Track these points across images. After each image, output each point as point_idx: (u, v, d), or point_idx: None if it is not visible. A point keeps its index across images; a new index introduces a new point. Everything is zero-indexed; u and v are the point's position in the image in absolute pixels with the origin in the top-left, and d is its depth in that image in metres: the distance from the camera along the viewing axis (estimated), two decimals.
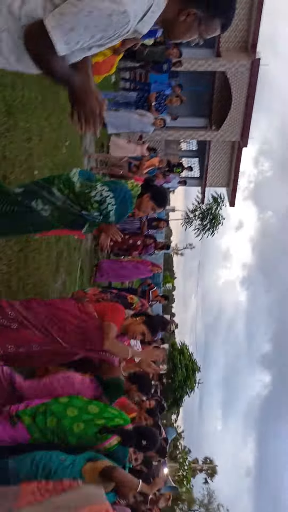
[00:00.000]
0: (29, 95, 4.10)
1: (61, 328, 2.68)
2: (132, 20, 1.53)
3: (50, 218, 2.55)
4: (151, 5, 1.58)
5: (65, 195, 2.57)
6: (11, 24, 1.53)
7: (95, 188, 2.61)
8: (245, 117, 15.37)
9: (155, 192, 3.13)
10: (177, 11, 1.62)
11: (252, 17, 14.08)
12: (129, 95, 9.04)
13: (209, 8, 1.60)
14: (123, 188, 2.76)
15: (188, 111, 16.36)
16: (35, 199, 2.50)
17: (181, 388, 28.55)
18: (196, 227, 33.84)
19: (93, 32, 1.50)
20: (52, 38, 1.47)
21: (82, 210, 2.61)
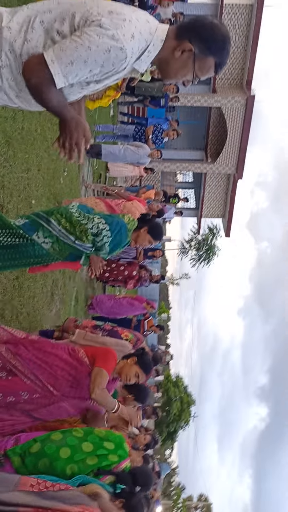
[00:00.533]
0: (29, 127, 4.19)
1: (52, 374, 2.58)
2: (129, 57, 1.59)
3: (51, 251, 2.59)
4: (148, 45, 1.65)
5: (61, 225, 2.61)
6: (12, 61, 1.59)
7: (92, 220, 2.66)
8: (240, 151, 15.71)
9: (152, 226, 3.27)
10: (173, 48, 1.69)
11: (247, 55, 14.61)
12: (127, 128, 9.24)
13: (204, 46, 1.66)
14: (119, 222, 2.82)
15: (184, 144, 16.75)
16: (36, 231, 2.54)
17: (175, 422, 27.95)
18: (192, 257, 34.03)
19: (92, 66, 1.55)
20: (51, 71, 1.52)
21: (76, 240, 2.65)
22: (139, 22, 1.60)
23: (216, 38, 1.66)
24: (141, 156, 7.83)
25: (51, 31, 1.58)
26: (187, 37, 1.66)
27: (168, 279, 48.00)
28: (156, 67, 1.79)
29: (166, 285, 50.97)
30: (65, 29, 1.57)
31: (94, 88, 1.76)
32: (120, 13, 1.57)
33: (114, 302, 7.04)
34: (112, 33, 1.52)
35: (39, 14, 1.60)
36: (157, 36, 1.66)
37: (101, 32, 1.51)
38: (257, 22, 13.81)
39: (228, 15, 14.05)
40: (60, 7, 1.62)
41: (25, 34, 1.58)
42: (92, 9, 1.58)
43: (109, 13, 1.56)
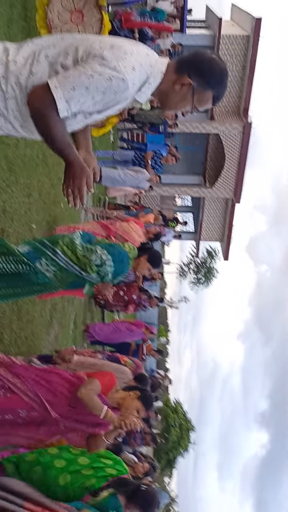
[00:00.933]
0: (31, 153, 4.28)
1: (50, 390, 2.58)
2: (131, 88, 1.65)
3: (54, 279, 2.63)
4: (149, 77, 1.72)
5: (67, 257, 2.67)
6: (18, 93, 1.66)
7: (95, 252, 2.73)
8: (238, 176, 15.94)
9: (151, 255, 3.38)
10: (173, 82, 1.76)
11: (244, 84, 14.99)
12: (127, 154, 9.41)
13: (203, 80, 1.73)
14: (121, 251, 2.90)
15: (183, 169, 16.99)
16: (39, 259, 2.58)
17: (175, 449, 27.36)
18: (191, 280, 34.01)
19: (93, 94, 1.60)
20: (54, 96, 1.57)
21: (82, 272, 2.71)
22: (140, 55, 1.68)
23: (215, 72, 1.74)
24: (140, 181, 7.95)
25: (56, 64, 1.65)
26: (187, 72, 1.73)
27: (167, 302, 47.87)
28: (156, 98, 1.86)
29: (165, 308, 50.73)
30: (68, 62, 1.64)
31: (97, 118, 1.82)
32: (121, 47, 1.64)
33: (112, 328, 7.00)
34: (114, 64, 1.58)
35: (44, 48, 1.68)
36: (157, 69, 1.73)
37: (103, 63, 1.58)
38: (253, 53, 14.22)
39: (225, 45, 14.48)
40: (64, 42, 1.69)
41: (30, 67, 1.64)
42: (94, 43, 1.65)
43: (111, 47, 1.63)
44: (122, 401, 2.80)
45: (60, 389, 2.60)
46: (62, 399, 2.60)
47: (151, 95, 1.81)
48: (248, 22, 14.44)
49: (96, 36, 1.73)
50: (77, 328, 6.61)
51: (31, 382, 2.55)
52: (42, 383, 2.57)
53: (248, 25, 14.41)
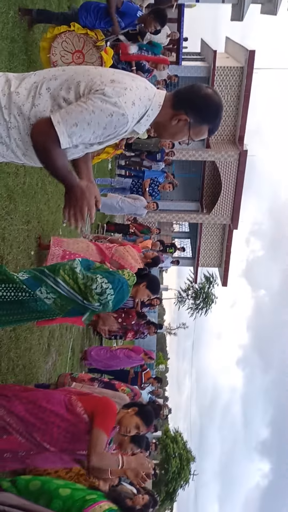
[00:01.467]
0: (30, 181, 4.33)
1: (47, 432, 2.50)
2: (130, 122, 1.71)
3: (53, 306, 2.63)
4: (147, 110, 1.78)
5: (69, 285, 2.68)
6: (20, 123, 1.70)
7: (96, 281, 2.73)
8: (234, 202, 16.12)
9: (150, 281, 3.41)
10: (170, 116, 1.82)
11: (238, 113, 15.35)
12: (125, 181, 9.54)
13: (199, 116, 1.80)
14: (120, 279, 2.90)
15: (180, 196, 17.20)
16: (39, 287, 2.59)
17: (174, 480, 26.60)
18: (189, 306, 33.88)
19: (95, 128, 1.66)
20: (57, 131, 1.63)
21: (84, 300, 2.72)
22: (139, 89, 1.74)
23: (210, 109, 1.80)
24: (138, 208, 8.03)
25: (58, 98, 1.70)
26: (183, 109, 1.79)
27: (166, 328, 47.49)
28: (154, 129, 1.92)
29: (164, 335, 50.31)
30: (71, 96, 1.70)
31: (97, 149, 1.88)
32: (122, 82, 1.70)
33: (110, 355, 6.92)
34: (115, 100, 1.64)
35: (46, 81, 1.74)
36: (155, 102, 1.79)
37: (105, 99, 1.64)
38: (247, 83, 14.62)
39: (220, 76, 14.89)
40: (65, 74, 1.75)
41: (33, 99, 1.70)
42: (95, 78, 1.71)
43: (111, 82, 1.69)
44: (121, 419, 2.74)
45: (57, 430, 2.52)
46: (60, 438, 2.53)
47: (149, 125, 1.87)
48: (242, 54, 14.91)
49: (97, 70, 1.79)
50: (75, 355, 6.54)
51: (26, 423, 2.47)
52: (37, 425, 2.49)
53: (242, 57, 14.88)
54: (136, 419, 2.75)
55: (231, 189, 15.91)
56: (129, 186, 9.22)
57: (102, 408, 2.59)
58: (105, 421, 2.53)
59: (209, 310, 32.49)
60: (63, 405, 2.59)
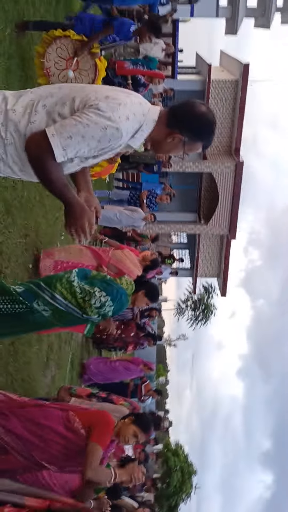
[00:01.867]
0: (28, 195, 4.36)
1: (46, 450, 2.48)
2: (125, 136, 1.74)
3: (51, 318, 2.63)
4: (142, 125, 1.81)
5: (67, 300, 2.68)
6: (17, 140, 1.73)
7: (94, 295, 2.73)
8: (232, 213, 16.19)
9: (149, 289, 3.39)
10: (165, 135, 1.86)
11: (234, 126, 15.49)
12: (122, 193, 9.59)
13: (194, 135, 1.85)
14: (119, 290, 2.90)
15: (178, 207, 17.25)
16: (36, 299, 2.59)
17: (176, 494, 26.19)
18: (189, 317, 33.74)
19: (89, 141, 1.68)
20: (51, 143, 1.65)
21: (83, 314, 2.73)
22: (133, 105, 1.77)
23: (204, 127, 1.85)
24: (136, 220, 8.06)
25: (53, 113, 1.73)
26: (178, 128, 1.83)
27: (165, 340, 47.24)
28: (150, 145, 1.95)
29: (164, 347, 50.03)
30: (65, 111, 1.73)
31: (92, 163, 1.90)
32: (116, 98, 1.74)
33: (109, 368, 6.88)
34: (109, 115, 1.67)
35: (42, 98, 1.77)
36: (149, 117, 1.83)
37: (99, 113, 1.67)
38: (242, 96, 14.78)
39: (216, 89, 15.06)
40: (61, 92, 1.79)
41: (29, 116, 1.73)
42: (90, 94, 1.75)
43: (105, 98, 1.73)
44: (118, 430, 2.72)
45: (55, 446, 2.50)
46: (58, 456, 2.51)
47: (144, 140, 1.91)
48: (237, 68, 15.10)
49: (92, 87, 1.83)
50: (74, 368, 6.51)
51: (24, 441, 2.45)
52: (36, 443, 2.46)
53: (237, 70, 15.07)
54: (133, 427, 2.73)
55: (228, 199, 15.99)
56: (127, 198, 9.27)
57: (99, 422, 2.57)
58: (101, 436, 2.51)
59: (209, 321, 32.36)
60: (61, 422, 2.55)
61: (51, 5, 5.57)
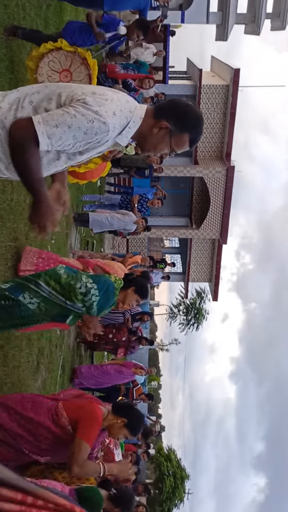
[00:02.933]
0: (18, 198, 4.34)
1: (35, 445, 2.53)
2: (111, 131, 1.73)
3: (38, 311, 2.61)
4: (129, 122, 1.82)
5: (51, 287, 2.66)
6: (3, 136, 1.71)
7: (80, 280, 2.72)
8: (223, 217, 16.27)
9: (139, 285, 3.30)
10: (151, 125, 1.86)
11: (225, 130, 15.60)
12: (114, 198, 9.59)
13: (179, 123, 1.84)
14: (106, 280, 2.87)
15: (170, 211, 17.31)
16: (22, 293, 2.58)
17: (169, 500, 26.07)
18: (181, 322, 33.76)
19: (75, 132, 1.66)
20: (36, 130, 1.62)
21: (67, 301, 2.69)
22: (120, 101, 1.78)
23: (190, 116, 1.86)
24: (127, 223, 8.06)
25: (39, 109, 1.73)
26: (164, 116, 1.84)
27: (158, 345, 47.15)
28: (137, 142, 1.95)
29: (156, 352, 49.93)
30: (52, 106, 1.73)
31: (79, 160, 1.88)
32: (103, 94, 1.75)
33: (101, 371, 6.84)
34: (96, 109, 1.67)
35: (28, 95, 1.77)
36: (136, 114, 1.84)
37: (86, 107, 1.67)
38: (233, 101, 14.91)
39: (206, 94, 15.18)
40: (47, 89, 1.79)
41: (15, 112, 1.72)
42: (77, 89, 1.76)
43: (92, 93, 1.73)
44: (110, 427, 2.77)
45: (45, 441, 2.55)
46: (47, 448, 2.56)
47: (131, 138, 1.91)
48: (227, 73, 15.23)
49: (78, 85, 1.84)
50: (65, 373, 6.47)
51: (14, 435, 2.49)
52: (26, 437, 2.50)
53: (227, 76, 15.19)
54: (124, 431, 2.78)
55: (220, 204, 16.07)
56: (118, 203, 9.27)
57: (86, 417, 2.59)
58: (88, 431, 2.54)
59: (201, 325, 32.40)
60: (50, 416, 2.59)
61: (41, 9, 5.57)
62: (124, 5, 5.51)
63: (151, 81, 7.51)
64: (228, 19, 15.03)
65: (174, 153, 1.93)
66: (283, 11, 14.92)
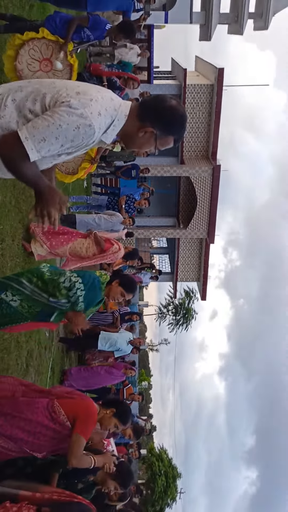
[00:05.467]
0: (3, 199, 4.31)
1: (35, 443, 2.58)
2: (97, 132, 1.74)
3: (20, 309, 2.60)
4: (114, 120, 1.81)
5: (33, 284, 2.64)
6: None
7: (64, 274, 2.70)
8: (210, 216, 16.34)
9: (124, 278, 3.29)
10: (137, 128, 1.86)
11: (210, 130, 15.67)
12: (101, 199, 9.56)
13: (165, 128, 1.85)
14: (91, 274, 2.86)
15: (157, 212, 17.33)
16: (4, 291, 2.57)
17: (161, 499, 26.09)
18: (170, 322, 33.82)
19: (63, 142, 1.68)
20: (25, 147, 1.64)
21: (50, 297, 2.66)
22: (104, 100, 1.78)
23: (175, 120, 1.86)
24: (115, 224, 8.04)
25: (24, 109, 1.72)
26: (149, 121, 1.84)
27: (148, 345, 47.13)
28: (122, 140, 1.95)
29: (146, 352, 49.92)
30: (37, 108, 1.72)
31: (65, 159, 1.90)
32: (87, 94, 1.74)
33: (91, 373, 6.82)
34: (81, 111, 1.67)
35: (11, 92, 1.76)
36: (121, 112, 1.83)
37: (71, 112, 1.66)
38: (218, 100, 14.98)
39: (191, 94, 15.23)
40: (30, 86, 1.78)
41: None
42: (61, 90, 1.74)
43: (76, 94, 1.72)
44: (100, 420, 2.86)
45: (43, 438, 2.60)
46: (46, 444, 2.62)
47: (116, 135, 1.91)
48: (212, 72, 15.30)
49: (62, 82, 1.82)
50: (55, 375, 6.43)
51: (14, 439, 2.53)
52: (25, 439, 2.54)
53: (212, 75, 15.27)
54: (114, 420, 2.88)
55: (206, 203, 16.13)
56: (105, 203, 9.25)
57: (83, 413, 2.67)
58: (85, 427, 2.62)
59: (189, 325, 32.50)
60: (47, 414, 2.62)
61: (24, 10, 5.54)
62: (106, 6, 5.50)
63: (135, 82, 7.51)
64: (212, 19, 15.10)
65: (158, 151, 1.94)
66: (265, 11, 15.03)
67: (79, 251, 5.19)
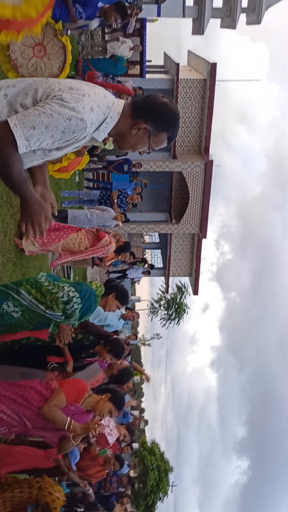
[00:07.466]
0: None
1: (28, 407, 2.65)
2: (89, 127, 1.71)
3: (21, 320, 2.64)
4: (106, 117, 1.79)
5: (31, 295, 2.69)
6: None
7: (63, 289, 2.76)
8: (202, 212, 16.35)
9: (119, 292, 3.56)
10: (130, 126, 1.84)
11: (203, 124, 15.65)
12: (93, 193, 9.52)
13: (158, 124, 1.83)
14: (88, 289, 2.97)
15: (149, 207, 17.31)
16: (6, 301, 2.59)
17: (153, 493, 26.28)
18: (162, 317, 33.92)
19: (53, 132, 1.64)
20: (14, 134, 1.60)
21: (47, 309, 2.72)
22: (97, 96, 1.75)
23: (168, 117, 1.84)
24: (106, 219, 8.01)
25: (15, 103, 1.70)
26: (142, 117, 1.82)
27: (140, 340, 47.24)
28: (115, 141, 1.93)
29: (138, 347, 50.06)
30: (28, 102, 1.69)
31: (56, 155, 1.86)
32: (80, 89, 1.71)
33: None
34: (73, 105, 1.64)
35: (3, 88, 1.73)
36: (114, 109, 1.81)
37: (62, 104, 1.64)
38: (210, 95, 14.94)
39: (184, 88, 15.18)
40: (23, 83, 1.76)
41: None
42: (53, 85, 1.72)
43: (69, 89, 1.70)
44: (95, 404, 2.90)
45: (36, 404, 2.67)
46: (38, 413, 2.68)
47: (108, 134, 1.88)
48: (204, 67, 15.25)
49: (55, 79, 1.80)
50: None
51: (9, 401, 2.61)
52: (19, 401, 2.63)
53: (204, 70, 15.22)
54: (109, 405, 2.94)
55: (199, 198, 16.14)
56: (97, 198, 9.21)
57: (71, 380, 2.85)
58: (68, 388, 2.73)
59: (181, 320, 32.62)
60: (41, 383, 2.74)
61: None
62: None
63: (129, 97, 7.47)
64: (204, 13, 15.01)
65: (152, 150, 1.92)
66: (258, 6, 14.98)
67: (71, 246, 5.18)
